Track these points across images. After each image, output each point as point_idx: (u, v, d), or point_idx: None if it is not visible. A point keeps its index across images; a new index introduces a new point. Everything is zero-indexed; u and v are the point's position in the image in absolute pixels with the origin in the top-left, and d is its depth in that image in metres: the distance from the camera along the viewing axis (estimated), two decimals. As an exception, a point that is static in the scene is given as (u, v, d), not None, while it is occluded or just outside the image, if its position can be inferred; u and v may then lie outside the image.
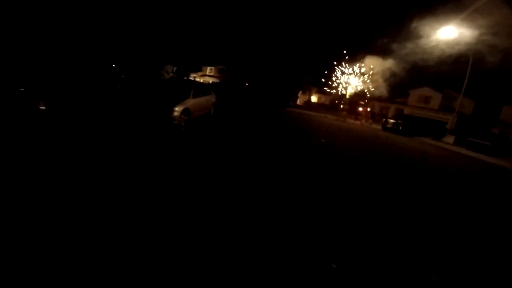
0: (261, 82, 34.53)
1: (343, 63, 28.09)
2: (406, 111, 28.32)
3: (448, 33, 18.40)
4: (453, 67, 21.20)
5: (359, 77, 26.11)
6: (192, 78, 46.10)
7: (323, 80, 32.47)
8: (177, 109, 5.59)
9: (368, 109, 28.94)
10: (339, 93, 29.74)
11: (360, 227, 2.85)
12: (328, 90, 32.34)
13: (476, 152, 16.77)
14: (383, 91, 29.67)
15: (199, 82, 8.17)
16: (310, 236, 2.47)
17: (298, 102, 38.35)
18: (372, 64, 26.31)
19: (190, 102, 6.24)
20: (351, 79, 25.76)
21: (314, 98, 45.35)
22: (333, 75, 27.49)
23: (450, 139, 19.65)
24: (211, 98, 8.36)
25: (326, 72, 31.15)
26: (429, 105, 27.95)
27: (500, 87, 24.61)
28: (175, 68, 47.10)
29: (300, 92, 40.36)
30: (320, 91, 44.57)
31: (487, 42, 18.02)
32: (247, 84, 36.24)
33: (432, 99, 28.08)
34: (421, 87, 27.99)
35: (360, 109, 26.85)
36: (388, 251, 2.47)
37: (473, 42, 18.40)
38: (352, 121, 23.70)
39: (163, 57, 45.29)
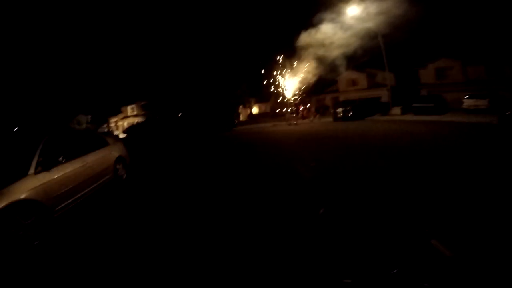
0: (196, 107, 31.13)
1: (276, 64, 27.42)
2: (341, 97, 28.84)
3: (352, 12, 18.30)
4: (360, 48, 21.77)
5: (294, 75, 25.53)
6: (112, 124, 39.22)
7: (261, 86, 31.13)
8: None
9: (308, 105, 28.52)
10: (280, 96, 28.75)
11: None
12: (270, 93, 31.04)
13: (424, 115, 17.07)
14: (315, 84, 29.64)
15: (68, 131, 4.48)
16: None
17: (241, 118, 36.17)
18: (303, 56, 25.73)
19: (36, 184, 2.67)
20: (287, 80, 25.03)
21: (255, 109, 44.10)
22: (274, 76, 26.39)
23: (397, 110, 19.90)
24: (110, 153, 4.70)
25: (261, 77, 29.83)
26: (358, 86, 29.21)
27: (411, 57, 26.88)
28: (89, 117, 39.45)
29: (241, 106, 38.49)
30: (259, 100, 43.63)
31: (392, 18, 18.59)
32: (180, 114, 32.34)
33: (359, 80, 29.52)
34: (346, 71, 28.93)
35: (302, 107, 26.10)
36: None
37: (376, 21, 18.70)
38: (301, 121, 22.56)
39: (71, 107, 37.56)
